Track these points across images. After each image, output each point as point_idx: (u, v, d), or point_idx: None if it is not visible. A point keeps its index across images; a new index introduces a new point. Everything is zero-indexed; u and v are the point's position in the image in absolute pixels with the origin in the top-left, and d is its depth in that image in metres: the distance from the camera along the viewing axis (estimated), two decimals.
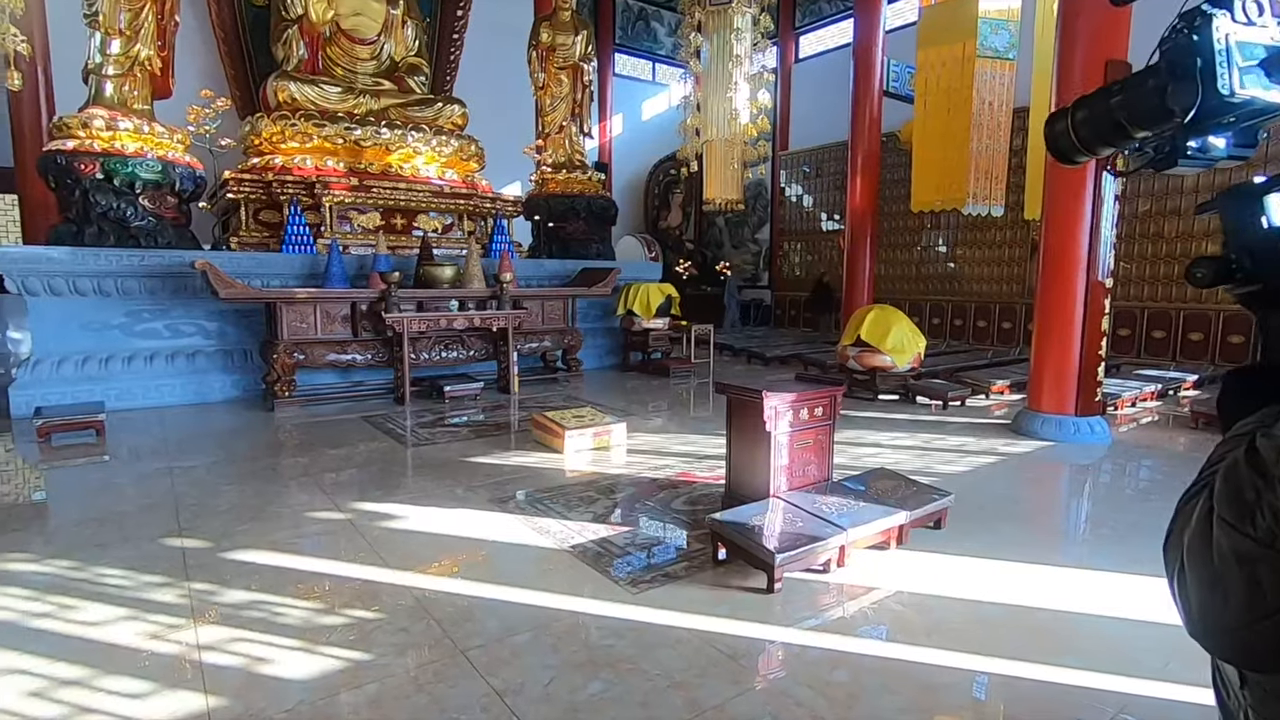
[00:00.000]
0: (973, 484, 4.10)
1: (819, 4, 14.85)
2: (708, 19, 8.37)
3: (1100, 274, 5.06)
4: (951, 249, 12.34)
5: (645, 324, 8.44)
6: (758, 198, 15.64)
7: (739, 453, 3.33)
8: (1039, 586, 2.75)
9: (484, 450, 4.83)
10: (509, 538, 3.21)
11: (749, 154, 8.74)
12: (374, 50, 8.98)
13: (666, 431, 5.50)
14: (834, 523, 2.86)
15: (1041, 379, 5.34)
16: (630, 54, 16.22)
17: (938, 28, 7.73)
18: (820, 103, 14.24)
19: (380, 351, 6.64)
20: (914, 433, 5.50)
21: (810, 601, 2.61)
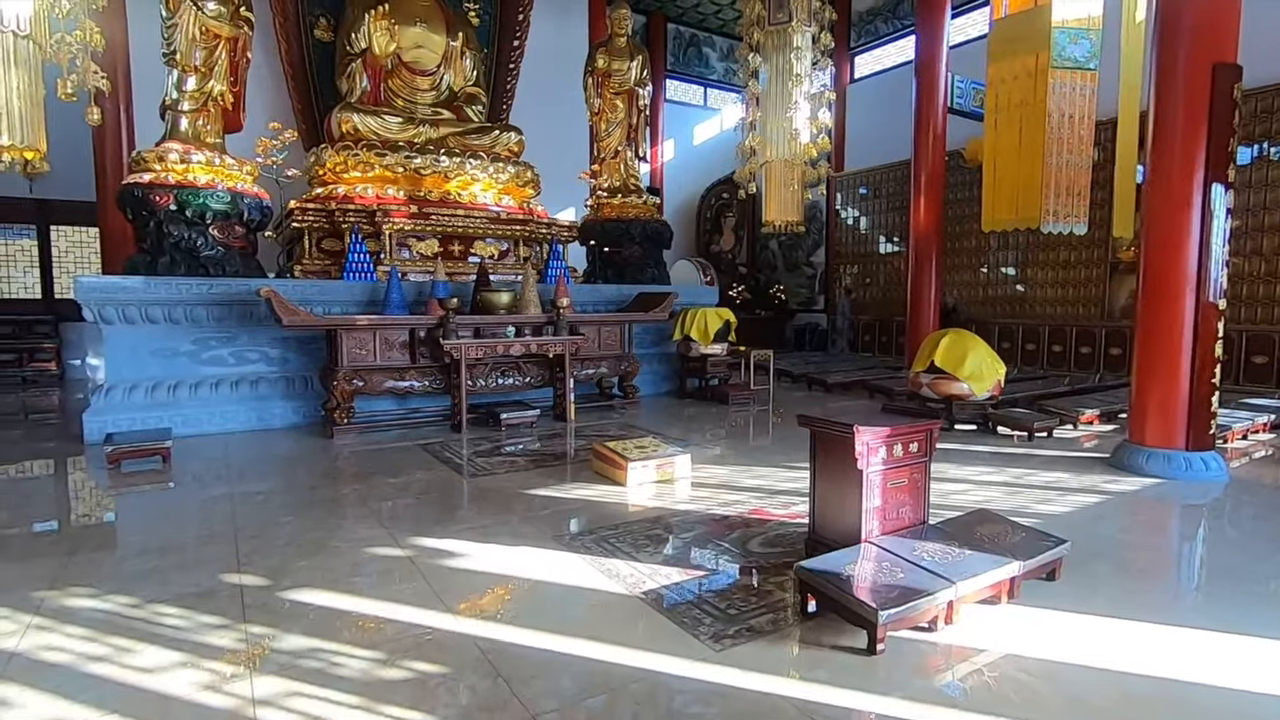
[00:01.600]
0: (1079, 527, 3.70)
1: (875, 24, 14.61)
2: (766, 39, 8.20)
3: (1212, 295, 4.61)
4: (1021, 270, 11.77)
5: (703, 350, 8.21)
6: (812, 220, 15.32)
7: (825, 492, 3.05)
8: (1186, 654, 2.38)
9: (542, 481, 4.65)
10: (576, 580, 3.00)
11: (809, 174, 8.48)
12: (434, 81, 9.13)
13: (731, 463, 5.23)
14: (939, 574, 2.55)
15: (1146, 409, 4.88)
16: (682, 80, 16.26)
17: (1010, 40, 7.37)
18: (876, 123, 13.92)
19: (437, 378, 6.58)
20: (1000, 467, 5.09)
21: (919, 665, 2.31)
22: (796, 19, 8.01)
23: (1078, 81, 6.88)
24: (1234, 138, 4.64)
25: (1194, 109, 4.56)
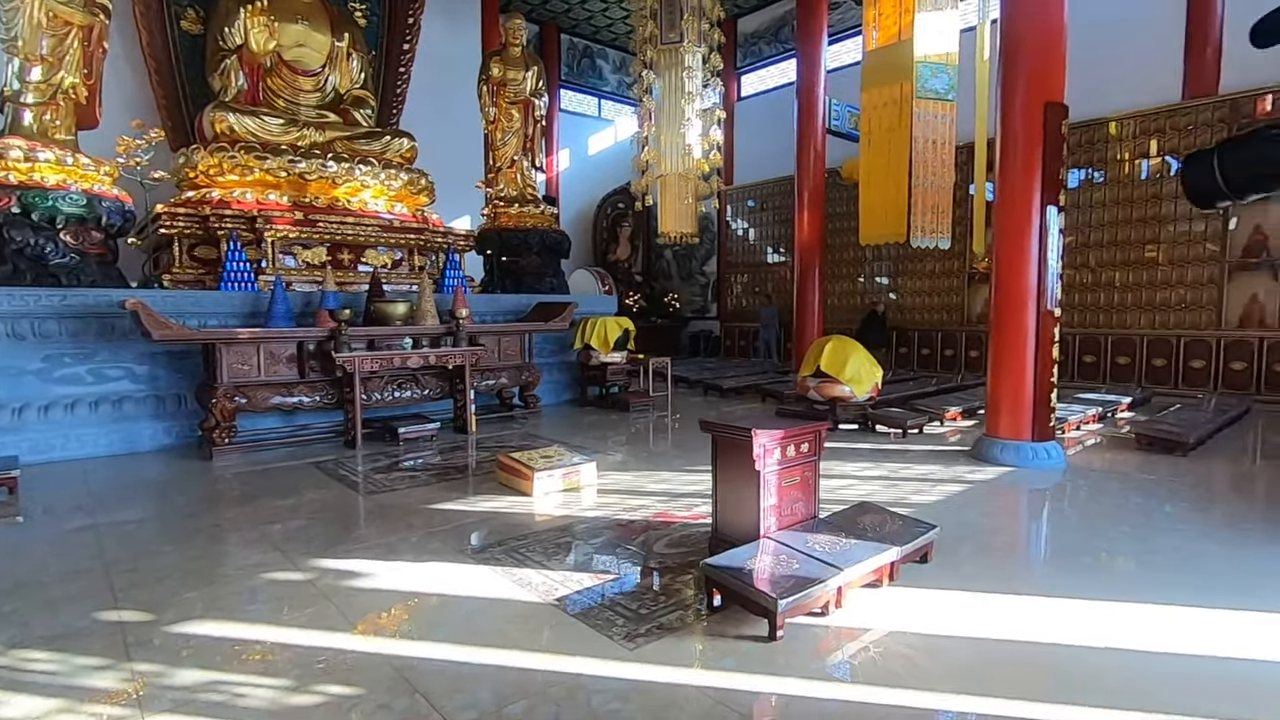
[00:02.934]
0: (947, 513, 4.12)
1: (759, 46, 15.40)
2: (659, 57, 8.50)
3: (1049, 303, 5.27)
4: (893, 279, 12.77)
5: (603, 358, 8.33)
6: (705, 231, 15.85)
7: (726, 492, 3.24)
8: (1039, 619, 2.73)
9: (446, 495, 4.59)
10: (488, 592, 3.01)
11: (702, 188, 8.85)
12: (317, 82, 8.74)
13: (635, 469, 5.37)
14: (829, 563, 2.79)
15: (999, 406, 5.48)
16: (576, 90, 16.39)
17: (879, 70, 8.06)
18: (762, 140, 14.67)
19: (329, 393, 6.30)
20: (879, 462, 5.55)
21: (814, 648, 2.52)
22: (688, 40, 8.36)
23: (938, 111, 7.62)
24: (1064, 166, 5.33)
25: (1031, 140, 5.20)
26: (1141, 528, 3.92)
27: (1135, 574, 3.28)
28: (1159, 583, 3.10)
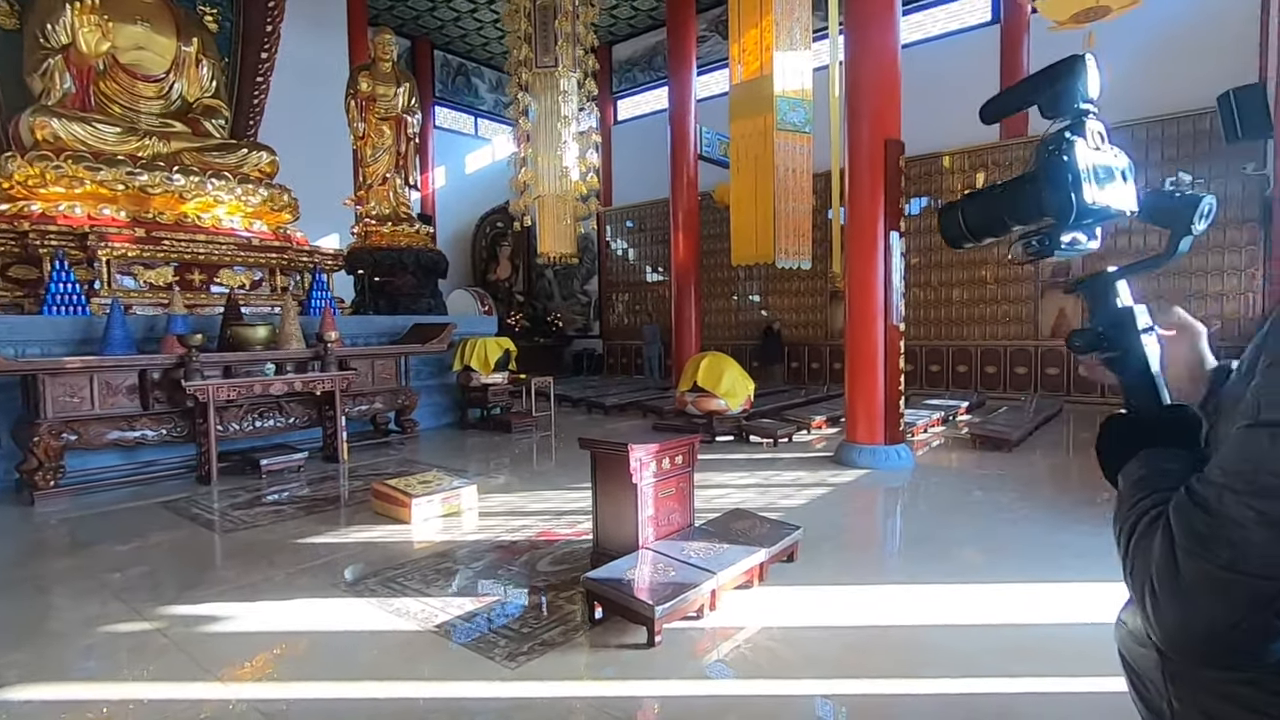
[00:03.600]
0: (813, 514, 4.44)
1: (634, 73, 15.89)
2: (534, 80, 8.59)
3: (894, 319, 5.82)
4: (764, 297, 13.52)
5: (484, 379, 8.21)
6: (585, 250, 16.06)
7: (605, 507, 3.33)
8: (889, 605, 3.02)
9: (316, 529, 4.36)
10: (363, 625, 2.91)
11: (580, 210, 8.99)
12: (161, 88, 8.07)
13: (518, 490, 5.35)
14: (704, 568, 2.94)
15: (856, 414, 5.97)
16: (451, 108, 16.14)
17: (744, 102, 8.57)
18: (639, 163, 15.11)
19: (179, 425, 5.79)
20: (753, 470, 5.86)
21: (691, 650, 2.65)
22: (562, 65, 8.52)
23: (796, 142, 8.21)
24: (903, 195, 5.94)
25: (874, 172, 5.76)
26: (976, 517, 4.42)
27: (972, 558, 3.70)
28: (991, 564, 3.53)
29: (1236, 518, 0.55)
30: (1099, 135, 0.75)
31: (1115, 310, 0.78)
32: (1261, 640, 0.55)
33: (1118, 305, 0.78)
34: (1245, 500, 0.55)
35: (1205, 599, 0.56)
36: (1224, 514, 0.56)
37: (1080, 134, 0.75)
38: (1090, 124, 0.75)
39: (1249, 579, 0.54)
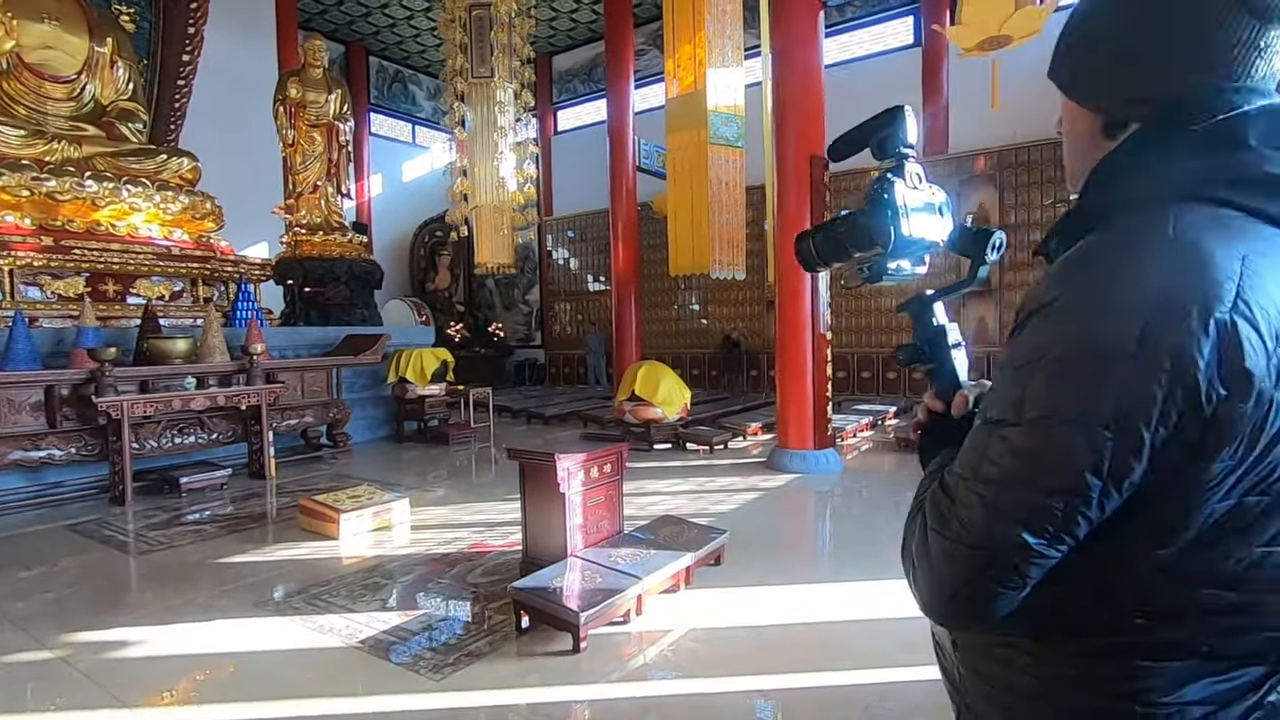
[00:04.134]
0: (743, 518, 4.57)
1: (574, 84, 15.98)
2: (470, 90, 8.57)
3: (821, 328, 6.05)
4: (704, 306, 13.76)
5: (420, 391, 8.10)
6: (526, 260, 16.02)
7: (534, 517, 3.36)
8: (809, 603, 3.16)
9: (238, 548, 4.23)
10: (285, 644, 2.86)
11: (518, 220, 9.00)
12: (72, 90, 7.70)
13: (453, 502, 5.31)
14: (630, 573, 3.01)
15: (787, 420, 6.17)
16: (388, 115, 15.87)
17: (680, 116, 8.76)
18: (579, 173, 15.17)
19: (90, 443, 5.52)
20: (688, 477, 5.98)
21: (615, 654, 2.71)
22: (499, 75, 8.53)
23: (729, 156, 8.44)
24: (828, 209, 6.18)
25: (800, 187, 5.99)
26: (898, 517, 4.61)
27: (892, 556, 3.84)
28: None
29: (965, 500, 0.65)
30: (917, 175, 0.86)
31: (932, 328, 0.89)
32: (986, 601, 0.64)
33: (934, 324, 0.89)
34: (971, 485, 0.64)
35: (942, 568, 0.66)
36: (958, 497, 0.66)
37: (900, 174, 0.85)
38: (909, 165, 0.86)
39: (969, 549, 0.63)
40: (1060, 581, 0.64)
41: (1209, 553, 0.61)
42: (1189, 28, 0.64)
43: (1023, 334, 0.65)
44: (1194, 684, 0.63)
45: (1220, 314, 0.56)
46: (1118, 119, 0.71)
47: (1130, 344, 0.56)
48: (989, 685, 0.73)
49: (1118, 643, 0.64)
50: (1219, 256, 0.58)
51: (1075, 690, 0.66)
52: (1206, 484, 0.59)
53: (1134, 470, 0.58)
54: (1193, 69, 0.65)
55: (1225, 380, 0.56)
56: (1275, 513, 0.60)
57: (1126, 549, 0.62)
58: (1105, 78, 0.71)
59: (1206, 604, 0.62)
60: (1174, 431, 0.57)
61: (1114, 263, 0.61)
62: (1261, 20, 0.63)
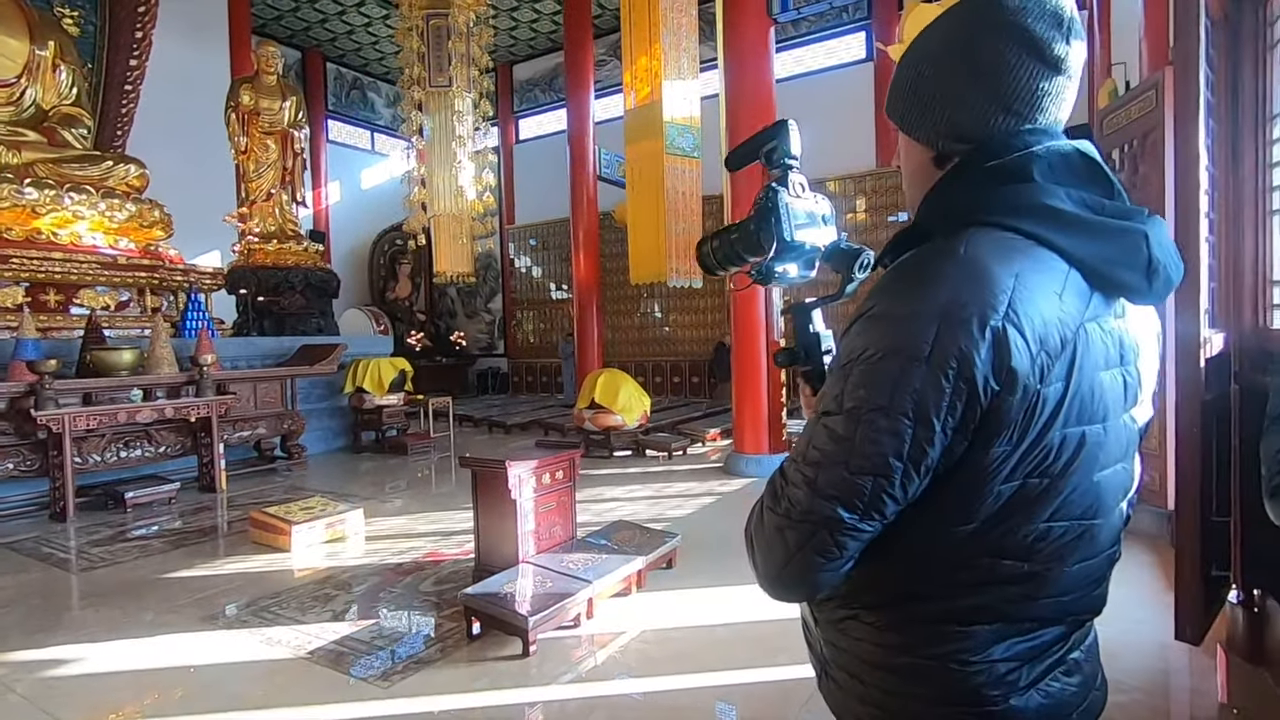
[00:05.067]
0: (697, 523, 4.66)
1: (535, 93, 16.02)
2: (428, 99, 8.55)
3: (775, 334, 6.20)
4: (666, 315, 13.89)
5: (378, 401, 8.02)
6: (488, 269, 15.97)
7: (487, 524, 3.39)
8: (757, 603, 3.23)
9: (187, 563, 4.16)
10: (232, 657, 2.83)
11: (477, 229, 8.99)
12: (12, 94, 7.47)
13: (409, 512, 5.28)
14: (581, 578, 3.06)
15: (743, 426, 6.29)
16: (346, 121, 15.68)
17: (638, 127, 8.87)
18: (541, 181, 15.19)
19: (28, 458, 5.35)
20: (647, 483, 6.04)
21: (565, 657, 2.76)
22: (457, 84, 8.53)
23: (686, 166, 8.57)
24: None
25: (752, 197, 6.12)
26: None
27: None
28: None
29: (794, 480, 0.73)
30: (800, 185, 0.93)
31: (808, 334, 0.96)
32: (811, 572, 0.72)
33: (810, 330, 0.96)
34: (799, 467, 0.73)
35: (774, 542, 0.74)
36: (789, 478, 0.74)
37: (785, 184, 0.91)
38: (794, 176, 0.93)
39: (794, 523, 0.72)
40: (886, 558, 0.74)
41: (1002, 528, 0.71)
42: (993, 76, 0.74)
43: (848, 337, 0.74)
44: (1000, 644, 0.73)
45: (995, 322, 0.65)
46: (944, 153, 0.80)
47: (925, 347, 0.65)
48: (843, 654, 0.83)
49: (934, 610, 0.74)
50: (997, 274, 0.67)
51: (903, 653, 0.76)
52: (990, 466, 0.68)
53: (929, 455, 0.67)
54: (996, 112, 0.75)
55: (997, 377, 0.65)
56: (1052, 492, 0.71)
57: (934, 527, 0.72)
58: (931, 118, 0.80)
59: (1004, 574, 0.72)
60: (960, 421, 0.66)
61: (917, 277, 0.70)
62: (1051, 69, 0.73)
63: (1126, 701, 2.30)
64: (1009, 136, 0.75)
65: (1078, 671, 0.79)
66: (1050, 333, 0.67)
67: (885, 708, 0.78)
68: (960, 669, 0.73)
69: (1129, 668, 2.46)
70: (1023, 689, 0.74)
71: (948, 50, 0.78)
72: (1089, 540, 0.75)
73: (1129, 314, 0.77)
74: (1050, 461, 0.70)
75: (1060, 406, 0.69)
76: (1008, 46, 0.73)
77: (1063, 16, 0.73)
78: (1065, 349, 0.68)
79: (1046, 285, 0.69)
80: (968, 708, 0.74)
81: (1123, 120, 4.25)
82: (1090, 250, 0.72)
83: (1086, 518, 0.74)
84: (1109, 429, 0.74)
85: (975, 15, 0.76)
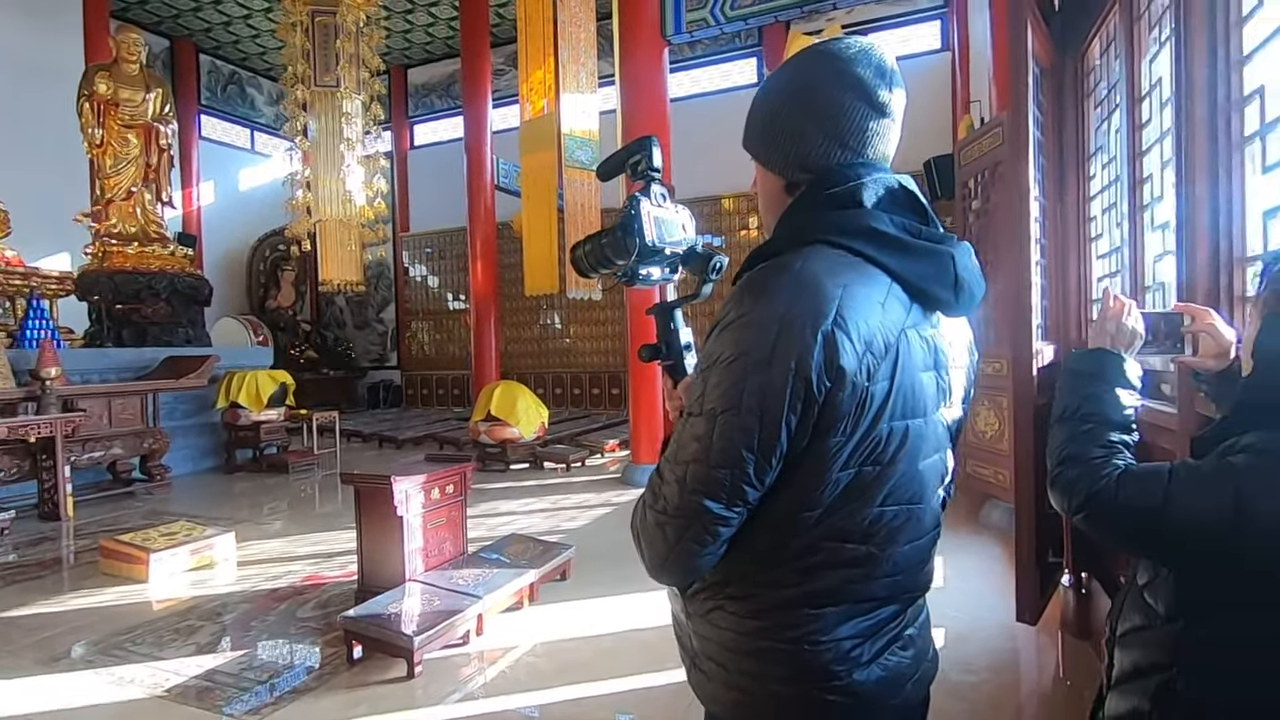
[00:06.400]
0: (593, 533, 4.67)
1: (430, 99, 15.63)
2: (314, 99, 8.15)
3: None
4: (566, 326, 13.86)
5: (255, 416, 7.50)
6: (380, 277, 15.37)
7: (371, 543, 3.26)
8: (648, 610, 3.29)
9: (23, 600, 3.72)
10: (76, 701, 2.56)
11: (367, 235, 8.64)
12: None
13: (289, 534, 4.98)
14: (471, 594, 3.01)
15: (639, 436, 6.38)
16: (222, 118, 14.66)
17: (534, 139, 8.86)
18: (437, 188, 14.79)
19: None
20: (543, 496, 6.00)
21: (453, 676, 2.69)
22: (345, 85, 8.20)
23: (586, 179, 8.62)
24: None
25: None
26: None
27: None
28: None
29: (667, 479, 0.80)
30: (661, 195, 0.99)
31: (669, 331, 1.03)
32: (691, 558, 0.80)
33: (670, 327, 1.03)
34: (671, 467, 0.80)
35: (656, 535, 0.81)
36: (664, 477, 0.81)
37: (647, 195, 0.97)
38: (655, 187, 0.99)
39: (671, 518, 0.79)
40: (748, 550, 0.81)
41: (843, 513, 0.79)
42: (831, 117, 0.85)
43: (707, 344, 0.82)
44: (845, 624, 0.82)
45: (825, 328, 0.74)
46: (792, 182, 0.90)
47: (767, 352, 0.74)
48: (709, 643, 0.89)
49: (789, 595, 0.82)
50: (827, 285, 0.76)
51: (762, 637, 0.83)
52: (829, 455, 0.77)
53: (777, 447, 0.75)
54: (834, 147, 0.86)
55: (829, 374, 0.74)
56: (884, 479, 0.80)
57: (783, 514, 0.79)
58: (781, 151, 0.90)
59: (847, 556, 0.81)
60: (801, 415, 0.75)
61: (761, 289, 0.79)
62: (878, 113, 0.85)
63: (976, 681, 2.52)
64: (845, 168, 0.85)
65: (912, 646, 0.88)
66: (875, 337, 0.76)
67: (746, 691, 0.85)
68: (811, 649, 0.81)
69: (978, 650, 2.70)
70: (865, 664, 0.82)
71: (793, 94, 0.88)
72: (916, 522, 0.84)
73: (942, 325, 0.88)
74: (880, 450, 0.79)
75: (886, 402, 0.77)
76: (843, 93, 0.84)
77: (886, 69, 0.85)
78: (889, 352, 0.77)
79: (871, 296, 0.78)
80: (818, 684, 0.81)
81: (976, 152, 4.70)
82: (908, 268, 0.81)
83: (913, 502, 0.83)
84: (929, 423, 0.84)
85: (816, 65, 0.87)
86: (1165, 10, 2.15)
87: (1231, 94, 1.78)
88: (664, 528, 0.80)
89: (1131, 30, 2.46)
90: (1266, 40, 1.72)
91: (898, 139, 0.89)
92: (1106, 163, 2.84)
